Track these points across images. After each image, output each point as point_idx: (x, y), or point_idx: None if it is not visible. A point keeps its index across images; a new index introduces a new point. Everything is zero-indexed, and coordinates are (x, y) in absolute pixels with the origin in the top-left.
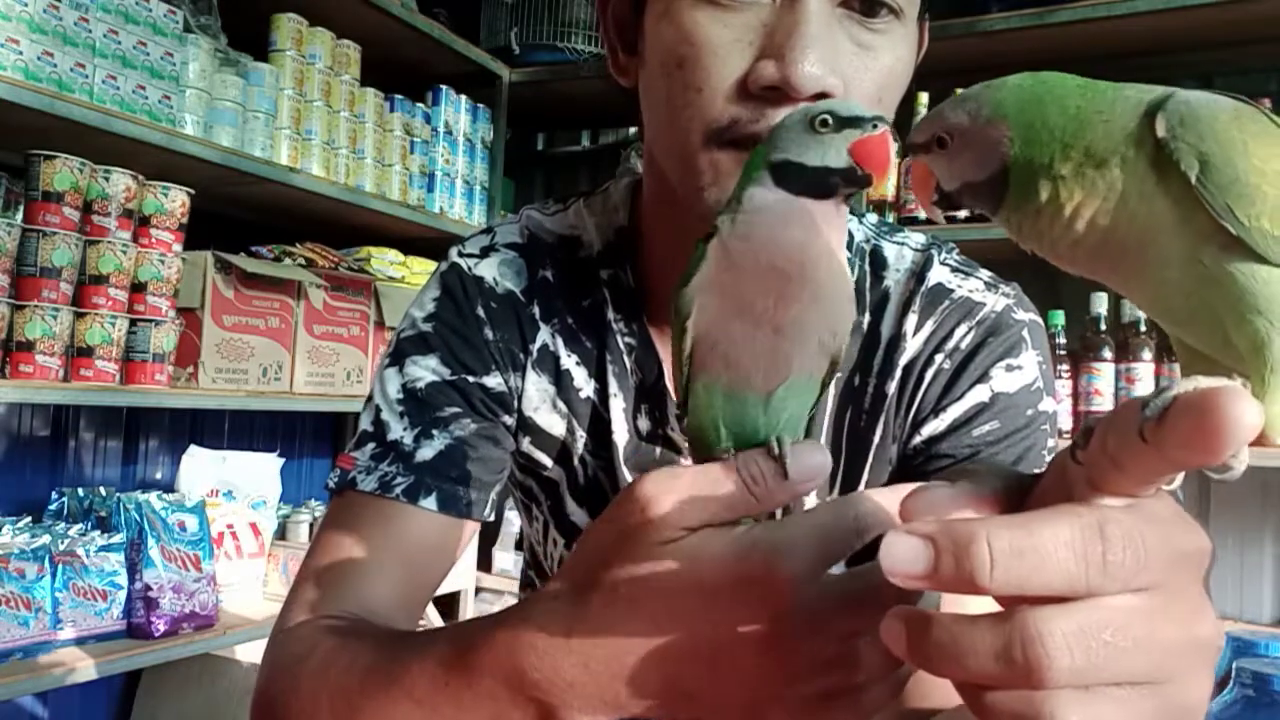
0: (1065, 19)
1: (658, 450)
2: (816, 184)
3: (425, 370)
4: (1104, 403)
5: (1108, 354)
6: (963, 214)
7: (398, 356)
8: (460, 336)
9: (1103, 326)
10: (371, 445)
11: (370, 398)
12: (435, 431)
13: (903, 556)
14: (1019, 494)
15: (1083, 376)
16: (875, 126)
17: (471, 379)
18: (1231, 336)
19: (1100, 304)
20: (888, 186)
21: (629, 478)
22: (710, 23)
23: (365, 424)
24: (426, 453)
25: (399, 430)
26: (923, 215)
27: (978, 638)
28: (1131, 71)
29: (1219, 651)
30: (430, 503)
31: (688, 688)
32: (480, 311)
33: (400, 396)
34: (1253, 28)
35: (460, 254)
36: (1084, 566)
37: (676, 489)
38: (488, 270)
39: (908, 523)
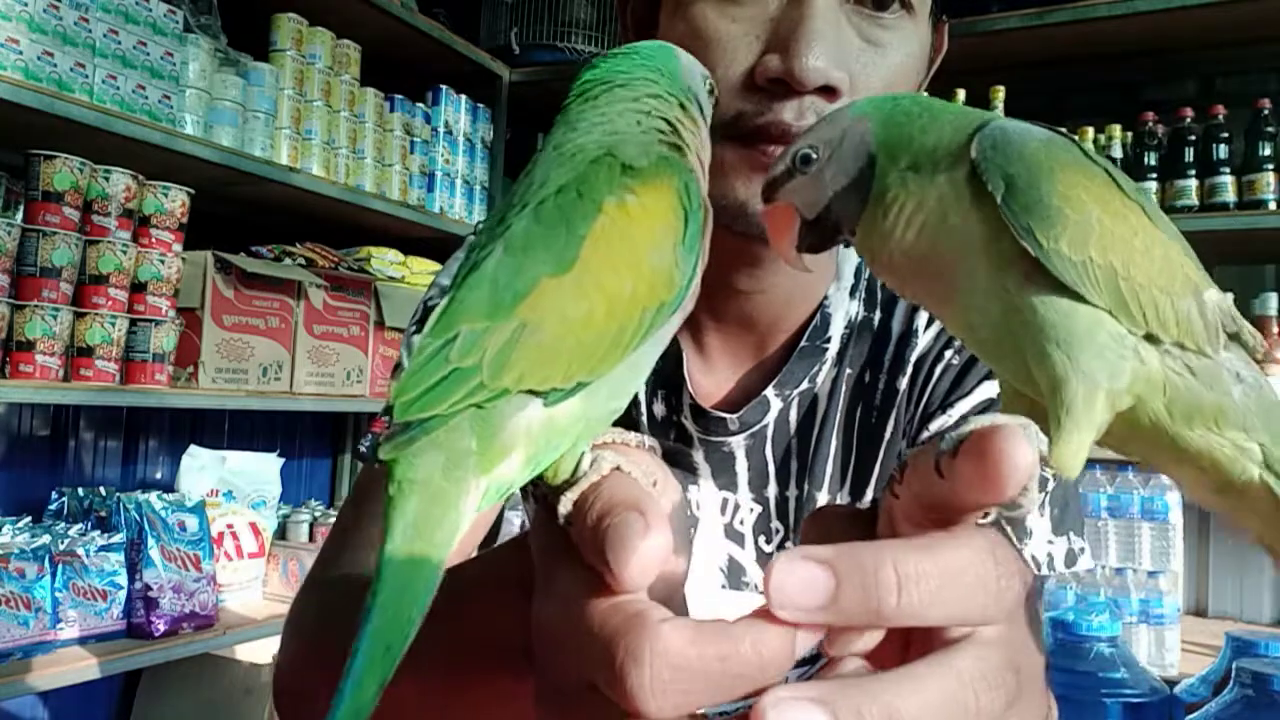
0: (1065, 19)
1: (671, 435)
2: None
3: None
4: None
5: None
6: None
7: (424, 322)
8: None
9: None
10: None
11: (396, 365)
12: None
13: (798, 586)
14: (865, 524)
15: None
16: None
17: None
18: (1032, 370)
19: None
20: None
21: None
22: (719, 17)
23: None
24: None
25: None
26: None
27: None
28: (1131, 72)
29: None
30: None
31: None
32: None
33: None
34: (1253, 28)
35: None
36: (982, 594)
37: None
38: None
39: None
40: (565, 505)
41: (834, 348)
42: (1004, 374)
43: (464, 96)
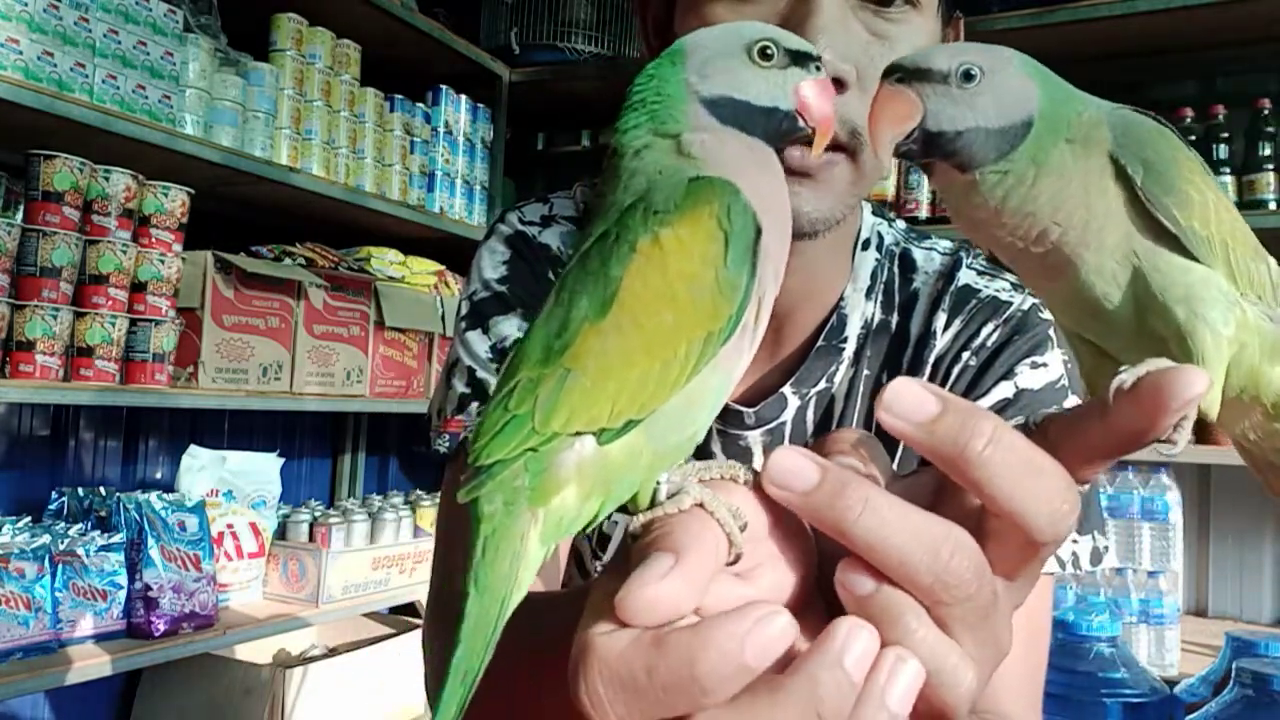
0: (1065, 19)
1: None
2: (763, 128)
3: (511, 328)
4: None
5: None
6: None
7: (478, 318)
8: (537, 297)
9: None
10: (476, 404)
11: (454, 363)
12: None
13: (911, 401)
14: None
15: None
16: (819, 69)
17: None
18: (1151, 323)
19: None
20: (887, 185)
21: None
22: (729, 14)
23: (460, 387)
24: None
25: None
26: (923, 215)
27: None
28: (1131, 71)
29: None
30: None
31: None
32: (551, 276)
33: (491, 356)
34: (1253, 28)
35: (521, 221)
36: (1051, 501)
37: None
38: (552, 239)
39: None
40: (635, 523)
41: (851, 348)
42: (1104, 331)
43: (464, 96)
